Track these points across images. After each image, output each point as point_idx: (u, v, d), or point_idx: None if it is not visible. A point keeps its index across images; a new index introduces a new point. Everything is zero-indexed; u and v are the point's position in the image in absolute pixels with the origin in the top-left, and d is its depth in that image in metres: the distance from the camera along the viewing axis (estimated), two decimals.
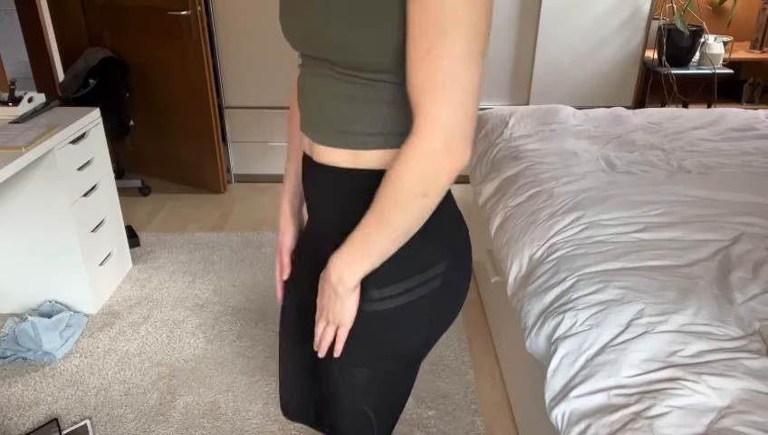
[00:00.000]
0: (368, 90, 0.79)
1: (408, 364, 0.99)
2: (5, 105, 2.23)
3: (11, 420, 1.89)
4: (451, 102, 0.71)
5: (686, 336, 1.22)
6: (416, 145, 0.74)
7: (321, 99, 0.84)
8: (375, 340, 0.93)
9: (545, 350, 1.36)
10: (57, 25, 2.95)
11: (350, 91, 0.80)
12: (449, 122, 0.72)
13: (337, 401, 1.02)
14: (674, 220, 1.63)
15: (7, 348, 2.15)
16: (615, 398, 1.14)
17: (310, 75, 0.86)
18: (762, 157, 2.08)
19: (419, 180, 0.75)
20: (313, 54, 0.82)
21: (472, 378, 2.06)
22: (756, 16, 3.66)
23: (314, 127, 0.87)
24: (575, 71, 3.44)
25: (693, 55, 3.51)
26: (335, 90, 0.81)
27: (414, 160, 0.74)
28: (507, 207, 1.88)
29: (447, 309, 0.96)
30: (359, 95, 0.80)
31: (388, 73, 0.77)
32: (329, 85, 0.82)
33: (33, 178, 2.14)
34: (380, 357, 0.95)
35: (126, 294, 2.53)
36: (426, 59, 0.70)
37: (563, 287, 1.43)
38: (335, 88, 0.81)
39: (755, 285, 1.36)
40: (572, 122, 2.44)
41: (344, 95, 0.81)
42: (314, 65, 0.84)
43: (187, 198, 3.43)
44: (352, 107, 0.81)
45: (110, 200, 2.51)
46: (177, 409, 1.94)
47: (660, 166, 2.03)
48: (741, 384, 1.10)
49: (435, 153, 0.73)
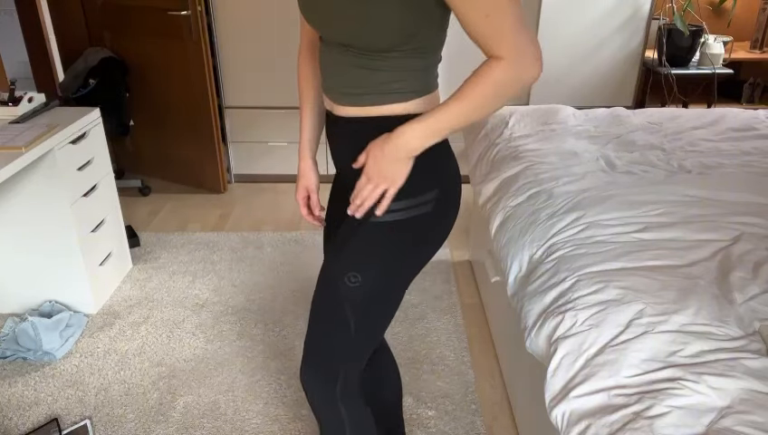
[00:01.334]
0: (377, 62, 1.03)
1: (396, 284, 1.17)
2: (5, 105, 2.23)
3: (11, 420, 1.89)
4: (523, 36, 0.94)
5: (686, 336, 1.22)
6: (509, 64, 0.95)
7: (340, 69, 1.07)
8: (372, 249, 1.12)
9: (545, 350, 1.36)
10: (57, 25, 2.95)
11: (363, 63, 1.04)
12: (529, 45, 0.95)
13: (323, 305, 1.18)
14: (674, 220, 1.63)
15: (7, 348, 2.15)
16: (615, 398, 1.14)
17: (329, 51, 1.09)
18: (762, 157, 2.08)
19: (513, 86, 0.97)
20: (332, 39, 1.05)
21: (472, 378, 2.06)
22: (756, 16, 3.66)
23: (334, 91, 1.11)
24: (575, 71, 3.44)
25: (693, 55, 3.51)
26: (351, 63, 1.05)
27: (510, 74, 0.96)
28: (507, 207, 1.88)
29: (435, 234, 1.16)
30: (370, 66, 1.04)
31: (392, 51, 1.02)
32: (345, 60, 1.06)
33: (33, 178, 2.14)
34: (373, 267, 1.13)
35: (126, 294, 2.54)
36: (487, 19, 0.92)
37: (563, 287, 1.43)
38: (351, 62, 1.05)
39: (755, 285, 1.36)
40: (572, 122, 2.44)
41: (358, 65, 1.05)
42: (332, 44, 1.07)
43: (187, 198, 3.43)
44: (365, 75, 1.05)
45: (110, 200, 2.51)
46: (177, 409, 1.94)
47: (660, 166, 2.03)
48: (741, 384, 1.10)
49: (526, 66, 0.95)
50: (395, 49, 1.02)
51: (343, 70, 1.07)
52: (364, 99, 1.08)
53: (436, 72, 1.13)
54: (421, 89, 1.10)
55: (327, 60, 1.10)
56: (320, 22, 1.05)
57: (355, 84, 1.08)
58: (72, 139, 2.21)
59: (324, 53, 1.11)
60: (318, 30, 1.08)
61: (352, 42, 1.02)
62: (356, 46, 1.03)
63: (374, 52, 1.03)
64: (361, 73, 1.06)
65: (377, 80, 1.06)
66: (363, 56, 1.04)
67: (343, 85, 1.09)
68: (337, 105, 1.12)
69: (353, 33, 1.00)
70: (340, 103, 1.12)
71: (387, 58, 1.04)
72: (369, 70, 1.05)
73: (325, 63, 1.11)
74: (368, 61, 1.04)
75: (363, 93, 1.08)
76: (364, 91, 1.08)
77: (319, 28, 1.07)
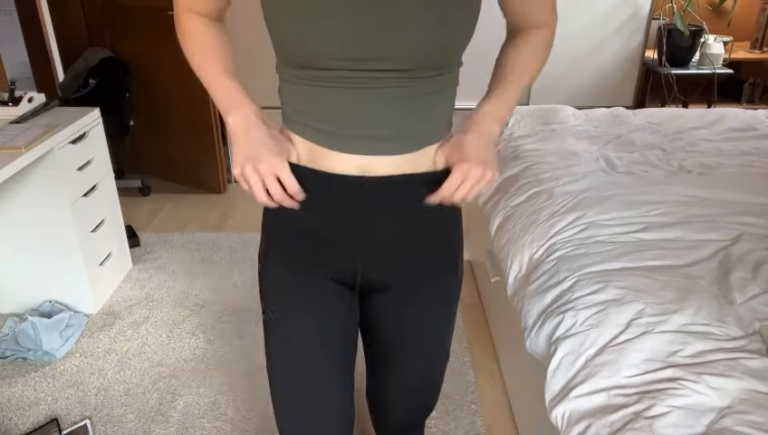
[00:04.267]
0: (445, 82, 0.90)
1: None
2: (5, 105, 2.23)
3: (11, 420, 1.89)
4: None
5: (686, 336, 1.22)
6: (551, 29, 0.98)
7: (393, 106, 0.87)
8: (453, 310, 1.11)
9: (545, 350, 1.36)
10: (57, 25, 2.94)
11: (431, 88, 0.88)
12: None
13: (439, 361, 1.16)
14: (674, 220, 1.63)
15: (7, 348, 2.15)
16: (615, 398, 1.14)
17: (360, 88, 0.85)
18: (762, 157, 2.08)
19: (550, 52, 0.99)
20: (398, 67, 0.83)
21: (472, 378, 2.06)
22: (756, 16, 3.65)
23: (375, 139, 0.89)
24: (575, 71, 3.44)
25: (693, 55, 3.50)
26: (411, 93, 0.87)
27: (551, 39, 0.98)
28: (507, 207, 1.88)
29: None
30: (439, 90, 0.90)
31: (458, 61, 0.91)
32: (402, 92, 0.86)
33: (33, 178, 2.14)
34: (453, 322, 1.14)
35: (126, 294, 2.53)
36: None
37: (563, 287, 1.43)
38: (411, 92, 0.87)
39: (755, 285, 1.36)
40: (572, 122, 2.44)
41: (425, 93, 0.88)
42: (374, 77, 0.84)
43: (187, 198, 3.43)
44: (431, 104, 0.90)
45: (110, 200, 2.51)
46: (177, 409, 1.94)
47: (660, 166, 2.03)
48: (741, 384, 1.10)
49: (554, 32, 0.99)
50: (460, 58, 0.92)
51: (400, 105, 0.87)
52: (426, 138, 0.92)
53: None
54: None
55: (356, 100, 0.86)
56: (379, 45, 0.81)
57: (418, 120, 0.89)
58: (72, 139, 2.21)
59: (344, 93, 0.86)
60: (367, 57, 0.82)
61: (427, 60, 0.84)
62: (429, 65, 0.85)
63: (445, 67, 0.88)
64: (428, 103, 0.89)
65: (445, 107, 0.93)
66: (430, 79, 0.87)
67: (397, 126, 0.88)
68: (376, 159, 0.90)
69: (434, 44, 0.83)
70: (382, 153, 0.90)
71: (451, 74, 0.91)
72: (437, 96, 0.90)
73: (350, 107, 0.86)
74: (438, 84, 0.89)
75: (425, 131, 0.91)
76: (428, 127, 0.91)
77: (372, 53, 0.82)
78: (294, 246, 0.99)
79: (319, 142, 0.91)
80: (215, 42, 0.95)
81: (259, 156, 0.87)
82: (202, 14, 0.95)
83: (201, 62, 0.94)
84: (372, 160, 0.90)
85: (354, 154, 0.89)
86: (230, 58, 0.96)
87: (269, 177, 0.87)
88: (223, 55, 0.95)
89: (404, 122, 0.88)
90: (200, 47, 0.95)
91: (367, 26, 0.80)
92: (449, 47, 0.85)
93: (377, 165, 0.90)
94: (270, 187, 0.88)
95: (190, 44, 0.96)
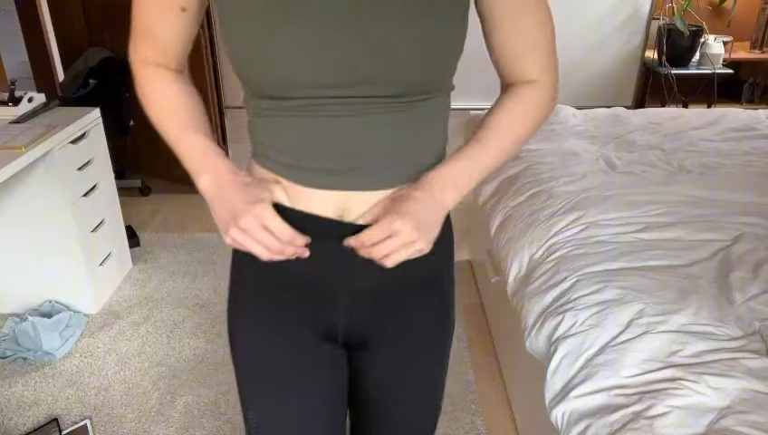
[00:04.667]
0: (431, 109, 0.79)
1: None
2: (5, 105, 2.23)
3: (11, 420, 1.89)
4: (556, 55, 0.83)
5: (686, 336, 1.22)
6: (546, 90, 0.83)
7: (377, 137, 0.77)
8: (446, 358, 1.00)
9: (545, 350, 1.36)
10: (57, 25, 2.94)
11: (417, 114, 0.78)
12: None
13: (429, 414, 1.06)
14: (674, 220, 1.63)
15: (7, 348, 2.15)
16: (615, 398, 1.14)
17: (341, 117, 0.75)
18: (762, 157, 2.08)
19: (548, 117, 0.86)
20: (383, 92, 0.74)
21: (472, 378, 2.06)
22: (756, 16, 3.66)
23: (366, 172, 0.78)
24: (575, 71, 3.44)
25: (693, 55, 3.51)
26: (395, 121, 0.77)
27: (548, 102, 0.83)
28: (507, 207, 1.89)
29: None
30: (424, 117, 0.79)
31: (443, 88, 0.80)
32: (385, 119, 0.76)
33: (33, 178, 2.14)
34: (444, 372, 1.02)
35: (126, 294, 2.53)
36: (539, 28, 0.79)
37: (563, 287, 1.43)
38: (395, 120, 0.76)
39: (755, 285, 1.36)
40: (572, 122, 2.44)
41: (410, 119, 0.77)
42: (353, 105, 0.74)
43: (187, 198, 3.43)
44: (418, 132, 0.79)
45: (110, 200, 2.51)
46: (177, 409, 1.94)
47: (660, 166, 2.03)
48: (741, 384, 1.10)
49: (556, 92, 0.85)
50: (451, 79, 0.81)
51: (384, 134, 0.77)
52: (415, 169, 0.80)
53: None
54: None
55: (334, 131, 0.76)
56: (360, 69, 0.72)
57: (405, 149, 0.80)
58: (72, 139, 2.20)
59: (320, 123, 0.76)
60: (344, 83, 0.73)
61: (416, 83, 0.75)
62: (418, 89, 0.76)
63: (435, 91, 0.79)
64: (416, 130, 0.79)
65: (435, 134, 0.83)
66: (419, 103, 0.77)
67: (382, 157, 0.78)
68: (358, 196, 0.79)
69: (423, 66, 0.74)
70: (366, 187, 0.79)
71: (440, 98, 0.81)
72: (426, 122, 0.80)
73: (327, 138, 0.77)
74: (427, 109, 0.79)
75: (414, 162, 0.80)
76: (417, 157, 0.81)
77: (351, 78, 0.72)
78: (269, 298, 0.88)
79: (293, 179, 0.80)
80: (176, 98, 0.85)
81: (237, 213, 0.76)
82: (160, 65, 0.85)
83: (162, 122, 0.85)
84: (354, 197, 0.79)
85: (334, 190, 0.79)
86: (195, 112, 0.86)
87: (256, 231, 0.76)
88: (185, 112, 0.85)
89: (389, 153, 0.78)
90: (160, 106, 0.85)
91: (343, 48, 0.71)
92: (440, 67, 0.76)
93: (359, 202, 0.79)
94: (262, 241, 0.76)
95: (150, 104, 0.86)
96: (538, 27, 0.79)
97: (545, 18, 0.80)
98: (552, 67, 0.82)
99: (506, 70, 0.83)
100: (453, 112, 0.90)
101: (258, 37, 0.71)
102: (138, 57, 0.86)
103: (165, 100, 0.85)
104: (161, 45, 0.84)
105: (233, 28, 0.72)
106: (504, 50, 0.80)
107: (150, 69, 0.85)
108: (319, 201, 0.80)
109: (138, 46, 0.85)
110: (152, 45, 0.84)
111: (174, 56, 0.85)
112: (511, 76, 0.83)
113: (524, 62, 0.81)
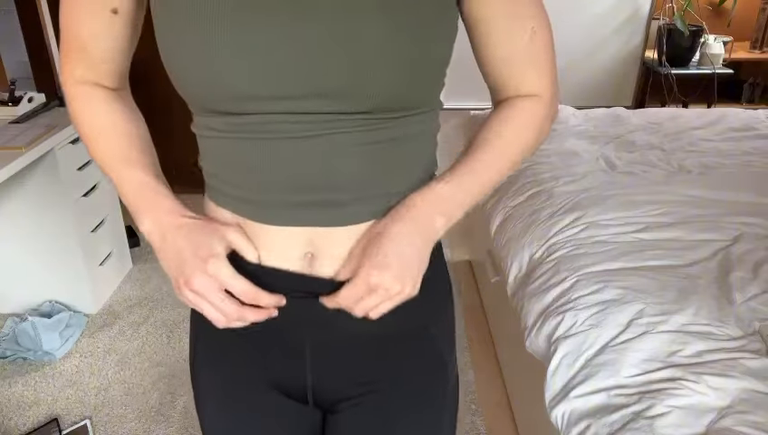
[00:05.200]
0: (410, 127, 0.67)
1: None
2: (5, 105, 2.23)
3: (11, 420, 1.89)
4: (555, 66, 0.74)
5: (686, 336, 1.22)
6: (544, 104, 0.73)
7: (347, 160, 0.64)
8: None
9: (545, 350, 1.36)
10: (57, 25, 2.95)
11: (397, 133, 0.66)
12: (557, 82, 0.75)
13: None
14: (674, 220, 1.63)
15: (7, 348, 2.15)
16: (615, 398, 1.14)
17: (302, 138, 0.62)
18: (762, 157, 2.08)
19: (546, 135, 0.75)
20: (353, 107, 0.61)
21: (472, 378, 2.06)
22: (756, 16, 3.65)
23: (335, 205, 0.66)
24: (575, 71, 3.44)
25: (693, 55, 3.50)
26: (370, 139, 0.64)
27: (546, 117, 0.73)
28: (507, 207, 1.89)
29: None
30: (406, 134, 0.67)
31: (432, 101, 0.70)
32: (359, 138, 0.63)
33: (33, 178, 2.14)
34: None
35: (126, 294, 2.53)
36: (534, 37, 0.69)
37: (563, 287, 1.43)
38: (373, 137, 0.64)
39: (755, 285, 1.36)
40: (572, 122, 2.45)
41: (389, 139, 0.65)
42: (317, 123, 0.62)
43: (187, 198, 3.41)
44: (401, 151, 0.67)
45: (110, 200, 2.51)
46: (177, 409, 1.94)
47: (660, 166, 2.03)
48: (741, 384, 1.10)
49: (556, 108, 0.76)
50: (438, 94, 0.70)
51: (356, 157, 0.64)
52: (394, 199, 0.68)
53: None
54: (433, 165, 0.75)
55: (295, 154, 0.63)
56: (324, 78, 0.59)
57: (382, 176, 0.67)
58: (72, 139, 2.20)
59: (278, 145, 0.63)
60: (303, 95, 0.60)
61: (393, 95, 0.62)
62: (396, 102, 0.63)
63: (418, 106, 0.67)
64: (397, 152, 0.67)
65: (420, 157, 0.71)
66: (399, 120, 0.65)
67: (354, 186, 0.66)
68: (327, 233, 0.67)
69: (402, 74, 0.61)
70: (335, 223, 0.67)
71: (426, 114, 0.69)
72: (409, 142, 0.68)
73: (288, 163, 0.64)
74: (410, 127, 0.67)
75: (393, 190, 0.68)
76: (397, 185, 0.68)
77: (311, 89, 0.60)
78: (229, 352, 0.77)
79: (249, 215, 0.68)
80: (110, 122, 0.73)
81: (185, 269, 0.65)
82: (94, 84, 0.73)
83: (94, 151, 0.73)
84: (322, 235, 0.67)
85: (297, 227, 0.66)
86: (133, 139, 0.73)
87: (211, 294, 0.64)
88: (119, 139, 0.72)
89: (363, 180, 0.66)
90: (90, 132, 0.73)
91: (303, 51, 0.58)
92: (424, 76, 0.64)
93: (328, 241, 0.67)
94: (220, 307, 0.65)
95: (80, 128, 0.73)
96: (534, 34, 0.69)
97: (542, 24, 0.70)
98: (552, 79, 0.73)
99: (499, 84, 0.72)
100: (453, 112, 0.80)
101: (195, 36, 0.59)
102: (67, 75, 0.72)
103: (97, 124, 0.72)
104: (92, 57, 0.71)
105: (166, 26, 0.61)
106: (496, 62, 0.70)
107: (82, 88, 0.72)
108: (282, 241, 0.67)
109: (67, 62, 0.72)
110: (83, 58, 0.71)
111: (108, 71, 0.73)
112: (505, 91, 0.72)
113: (521, 74, 0.71)
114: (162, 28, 0.62)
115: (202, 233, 0.67)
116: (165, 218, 0.68)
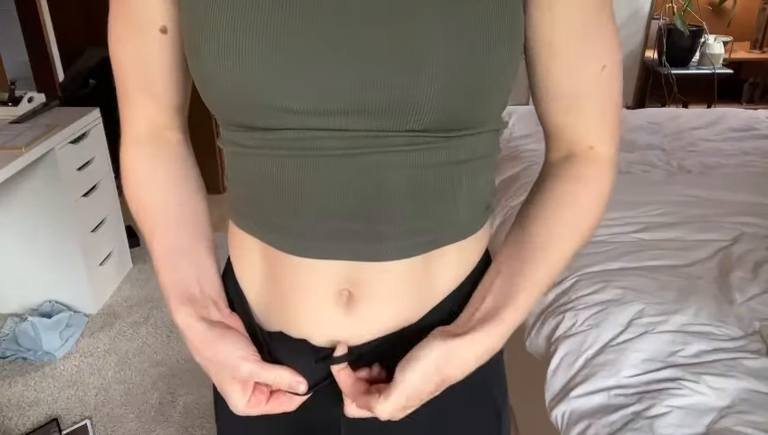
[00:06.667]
0: (470, 149, 0.57)
1: None
2: (5, 105, 2.23)
3: (11, 420, 1.89)
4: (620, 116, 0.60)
5: (686, 336, 1.22)
6: (608, 173, 0.61)
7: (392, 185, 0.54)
8: None
9: (545, 350, 1.36)
10: (57, 25, 2.94)
11: (455, 156, 0.56)
12: None
13: None
14: (674, 220, 1.63)
15: (7, 348, 2.15)
16: (615, 398, 1.14)
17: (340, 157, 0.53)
18: (762, 157, 2.08)
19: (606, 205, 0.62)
20: (404, 125, 0.52)
21: None
22: (756, 16, 3.65)
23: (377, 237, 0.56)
24: None
25: (693, 55, 3.51)
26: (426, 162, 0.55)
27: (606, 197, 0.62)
28: (507, 207, 1.89)
29: None
30: (465, 158, 0.57)
31: (492, 120, 0.58)
32: (398, 163, 0.54)
33: (33, 178, 2.14)
34: None
35: (126, 294, 2.53)
36: (602, 73, 0.56)
37: (563, 287, 1.43)
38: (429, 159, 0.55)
39: (755, 285, 1.36)
40: None
41: (447, 162, 0.55)
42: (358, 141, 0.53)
43: None
44: (454, 174, 0.57)
45: (110, 200, 2.51)
46: (177, 409, 1.94)
47: (660, 166, 2.03)
48: (741, 384, 1.10)
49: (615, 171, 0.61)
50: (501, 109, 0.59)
51: (404, 183, 0.55)
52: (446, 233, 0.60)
53: None
54: None
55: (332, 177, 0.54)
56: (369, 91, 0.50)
57: (434, 205, 0.57)
58: (72, 139, 2.20)
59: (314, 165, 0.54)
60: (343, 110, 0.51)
61: (455, 110, 0.52)
62: (456, 119, 0.53)
63: (480, 124, 0.56)
64: (452, 179, 0.57)
65: (479, 185, 0.61)
66: (457, 140, 0.55)
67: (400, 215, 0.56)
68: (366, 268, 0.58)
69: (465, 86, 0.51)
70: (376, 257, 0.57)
71: (489, 133, 0.58)
72: (467, 167, 0.58)
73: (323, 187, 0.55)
74: (470, 149, 0.57)
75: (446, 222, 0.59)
76: (451, 216, 0.59)
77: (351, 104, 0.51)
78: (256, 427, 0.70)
79: (278, 245, 0.59)
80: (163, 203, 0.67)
81: (225, 394, 0.65)
82: (157, 136, 0.66)
83: (145, 232, 0.66)
84: (360, 270, 0.58)
85: (331, 260, 0.57)
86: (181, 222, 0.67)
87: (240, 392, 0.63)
88: (167, 222, 0.66)
89: (412, 205, 0.56)
90: (143, 211, 0.66)
91: (353, 58, 0.50)
92: (488, 90, 0.53)
93: (367, 277, 0.58)
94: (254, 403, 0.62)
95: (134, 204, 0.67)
96: (599, 72, 0.56)
97: (609, 57, 0.56)
98: (617, 129, 0.60)
99: (560, 126, 0.60)
100: None
101: (222, 44, 0.51)
102: (127, 130, 0.65)
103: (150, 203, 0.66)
104: (156, 94, 0.62)
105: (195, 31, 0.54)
106: (560, 97, 0.58)
107: (141, 154, 0.65)
108: (315, 276, 0.58)
109: (129, 113, 0.64)
110: (148, 96, 0.62)
111: (172, 107, 0.64)
112: (563, 136, 0.61)
113: (583, 121, 0.59)
114: (189, 32, 0.55)
115: (222, 351, 0.63)
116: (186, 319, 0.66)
